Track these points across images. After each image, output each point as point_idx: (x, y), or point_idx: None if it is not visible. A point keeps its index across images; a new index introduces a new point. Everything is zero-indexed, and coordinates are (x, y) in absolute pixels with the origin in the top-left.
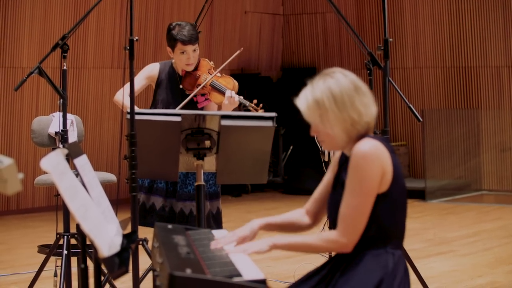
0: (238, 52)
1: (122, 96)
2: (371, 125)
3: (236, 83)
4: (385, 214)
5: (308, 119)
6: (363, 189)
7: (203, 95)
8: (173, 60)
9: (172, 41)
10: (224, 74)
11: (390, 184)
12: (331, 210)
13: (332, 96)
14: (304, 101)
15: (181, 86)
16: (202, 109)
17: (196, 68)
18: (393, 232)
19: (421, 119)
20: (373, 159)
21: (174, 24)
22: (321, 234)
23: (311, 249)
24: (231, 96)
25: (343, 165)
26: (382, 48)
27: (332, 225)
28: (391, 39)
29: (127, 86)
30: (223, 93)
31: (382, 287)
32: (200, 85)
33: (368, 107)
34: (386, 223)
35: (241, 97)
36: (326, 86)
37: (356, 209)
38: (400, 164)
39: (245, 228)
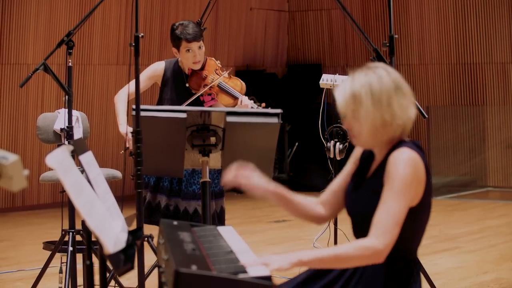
0: (226, 72)
1: (121, 99)
2: (406, 127)
3: (244, 85)
4: (412, 227)
5: (341, 111)
6: (403, 197)
7: (209, 94)
8: (179, 58)
9: (177, 40)
10: (231, 75)
11: (421, 198)
12: (354, 211)
13: (371, 92)
14: (342, 92)
15: (187, 85)
16: None
17: (203, 68)
18: (414, 244)
19: (426, 116)
20: (413, 170)
21: (177, 24)
22: (353, 243)
23: (342, 259)
24: (244, 104)
25: (368, 164)
26: (388, 44)
27: (356, 226)
28: (396, 36)
29: (131, 84)
30: (231, 95)
31: None
32: (207, 85)
33: (405, 110)
34: (410, 236)
35: (252, 102)
36: (366, 80)
37: (395, 215)
38: (431, 180)
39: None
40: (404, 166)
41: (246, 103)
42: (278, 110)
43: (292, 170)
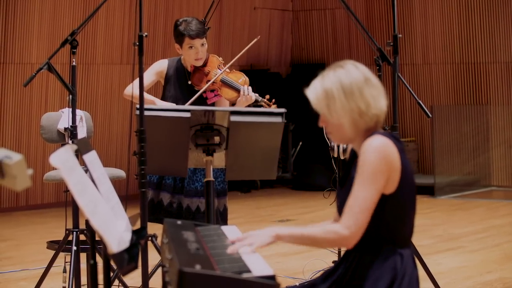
0: (255, 40)
1: (132, 89)
2: (380, 118)
3: (247, 78)
4: (394, 215)
5: (316, 109)
6: (371, 183)
7: (212, 91)
8: (181, 56)
9: (180, 36)
10: (233, 70)
11: (398, 184)
12: (340, 208)
13: (341, 86)
14: (313, 90)
15: (189, 82)
16: (212, 105)
17: (205, 64)
18: (402, 232)
19: (430, 115)
20: (383, 156)
21: (180, 20)
22: (324, 226)
23: (313, 240)
24: (248, 94)
25: (352, 161)
26: (392, 44)
27: None
28: (400, 35)
29: (136, 81)
30: (234, 89)
31: None
32: (210, 81)
33: (377, 99)
34: (395, 224)
35: (256, 94)
36: (336, 76)
37: (362, 202)
38: (409, 163)
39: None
40: (372, 153)
41: (250, 94)
42: (282, 110)
43: (296, 169)
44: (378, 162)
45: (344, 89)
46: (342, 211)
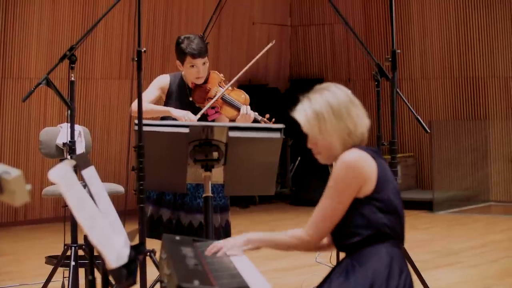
0: (270, 45)
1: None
2: (365, 136)
3: (248, 97)
4: (373, 215)
5: (307, 131)
6: (335, 194)
7: (213, 108)
8: (183, 72)
9: (182, 55)
10: (234, 88)
11: (374, 188)
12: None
13: (330, 107)
14: (303, 113)
15: (190, 99)
16: (212, 121)
17: (206, 81)
18: (387, 232)
19: (428, 130)
20: (353, 169)
21: (182, 37)
22: (289, 232)
23: (279, 244)
24: (247, 113)
25: None
26: (390, 59)
27: (332, 238)
28: (399, 51)
29: (141, 97)
30: (235, 107)
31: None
32: (211, 98)
33: (361, 119)
34: (376, 223)
35: (256, 113)
36: (323, 98)
37: (324, 211)
38: (388, 170)
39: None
40: (340, 166)
41: (249, 113)
42: (281, 125)
43: (294, 184)
44: (343, 175)
45: (334, 110)
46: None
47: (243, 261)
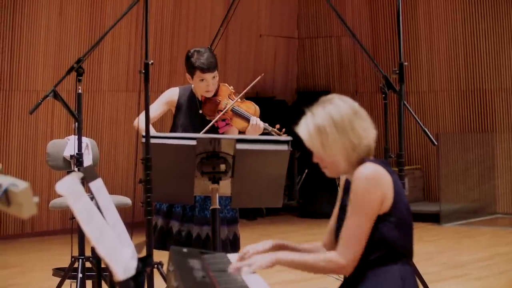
0: (259, 77)
1: (138, 121)
2: (371, 148)
3: (258, 108)
4: (389, 232)
5: (310, 146)
6: (363, 212)
7: (223, 120)
8: (192, 85)
9: (191, 68)
10: (244, 100)
11: (392, 204)
12: (338, 233)
13: (333, 121)
14: (305, 128)
15: (200, 111)
16: (222, 133)
17: (216, 94)
18: (400, 250)
19: (436, 143)
20: (374, 184)
21: (192, 51)
22: (322, 254)
23: (311, 267)
24: (256, 124)
25: (347, 190)
26: (397, 72)
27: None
28: (406, 63)
29: (142, 114)
30: (245, 119)
31: None
32: (221, 110)
33: (367, 131)
34: (392, 241)
35: (266, 124)
36: (326, 112)
37: (355, 231)
38: (400, 184)
39: (259, 245)
40: (362, 181)
41: (259, 123)
42: (288, 138)
43: (302, 197)
44: (368, 190)
45: (336, 124)
46: (337, 236)
47: (251, 273)
